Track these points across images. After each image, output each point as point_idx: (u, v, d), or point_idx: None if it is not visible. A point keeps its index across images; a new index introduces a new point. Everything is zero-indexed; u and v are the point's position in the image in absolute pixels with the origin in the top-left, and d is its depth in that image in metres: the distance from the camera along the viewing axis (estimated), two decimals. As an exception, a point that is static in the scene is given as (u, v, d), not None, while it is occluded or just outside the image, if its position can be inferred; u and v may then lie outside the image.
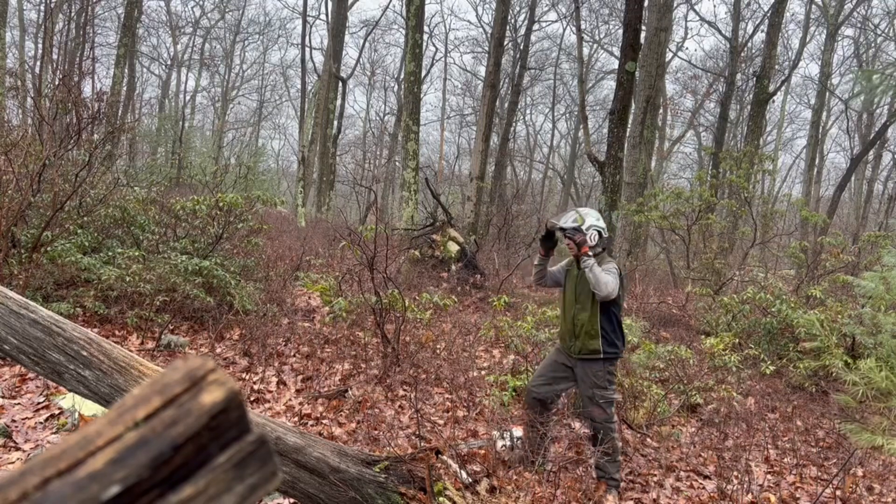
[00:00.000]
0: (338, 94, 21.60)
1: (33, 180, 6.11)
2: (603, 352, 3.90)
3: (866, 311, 6.83)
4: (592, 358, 3.92)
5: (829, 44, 22.42)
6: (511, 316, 7.99)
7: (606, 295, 3.79)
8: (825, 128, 27.82)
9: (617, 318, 3.97)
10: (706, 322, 8.94)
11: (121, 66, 16.17)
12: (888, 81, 10.47)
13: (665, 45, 15.45)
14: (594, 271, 3.80)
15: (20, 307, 2.40)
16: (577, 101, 30.09)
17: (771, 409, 6.27)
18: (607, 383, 3.93)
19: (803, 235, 16.18)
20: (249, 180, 20.40)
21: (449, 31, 69.00)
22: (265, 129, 42.62)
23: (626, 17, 5.02)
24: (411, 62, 11.27)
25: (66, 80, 9.34)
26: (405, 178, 11.49)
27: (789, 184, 35.58)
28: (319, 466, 2.60)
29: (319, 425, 4.47)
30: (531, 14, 22.76)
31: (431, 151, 38.94)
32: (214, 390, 0.56)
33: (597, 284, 3.79)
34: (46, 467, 0.50)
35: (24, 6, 25.77)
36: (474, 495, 2.88)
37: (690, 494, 4.08)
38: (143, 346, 5.64)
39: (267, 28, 37.73)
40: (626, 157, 12.67)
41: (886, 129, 19.06)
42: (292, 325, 6.75)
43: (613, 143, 4.92)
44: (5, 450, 3.58)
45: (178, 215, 7.26)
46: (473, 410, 5.01)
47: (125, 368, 2.40)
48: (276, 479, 0.58)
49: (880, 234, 10.17)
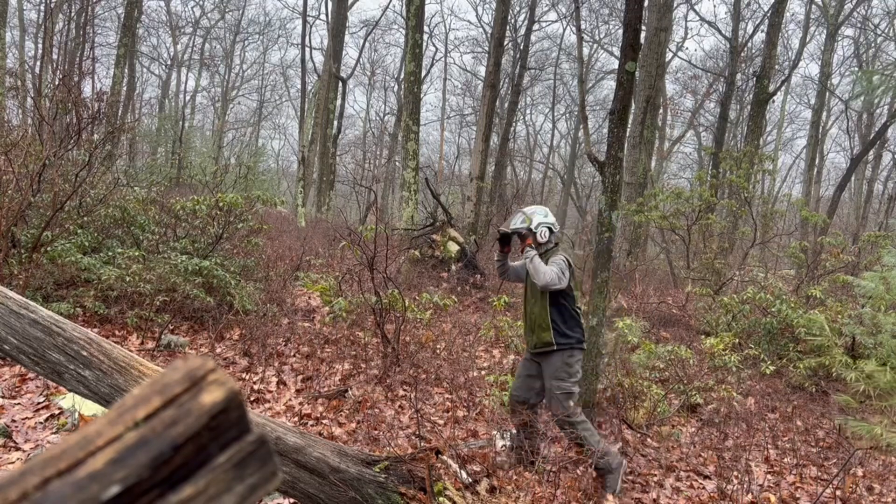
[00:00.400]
0: (338, 94, 21.59)
1: (33, 180, 6.11)
2: (556, 343, 3.94)
3: (866, 311, 6.83)
4: (547, 350, 3.99)
5: (829, 44, 22.42)
6: (511, 316, 7.99)
7: (544, 285, 3.88)
8: (825, 128, 27.81)
9: (569, 309, 4.03)
10: (706, 322, 8.94)
11: (121, 66, 16.17)
12: (888, 81, 10.46)
13: (665, 45, 15.45)
14: (534, 262, 3.94)
15: (20, 307, 2.40)
16: (577, 101, 30.10)
17: (771, 409, 6.27)
18: (565, 375, 3.95)
19: (803, 235, 16.18)
20: (249, 180, 20.40)
21: (449, 31, 69.03)
22: (265, 129, 42.64)
23: (626, 17, 5.01)
24: (411, 62, 11.27)
25: (66, 80, 9.34)
26: (405, 178, 11.48)
27: (789, 184, 35.59)
28: (319, 466, 2.60)
29: (319, 425, 4.47)
30: (531, 14, 22.75)
31: (431, 151, 38.94)
32: (214, 390, 0.56)
33: (535, 274, 3.91)
34: (46, 467, 0.50)
35: (24, 6, 25.77)
36: (474, 495, 2.88)
37: (690, 494, 4.08)
38: (143, 346, 5.64)
39: (267, 28, 37.74)
40: (626, 157, 12.68)
41: (886, 129, 19.06)
42: (292, 325, 6.75)
43: (613, 143, 4.92)
44: (5, 450, 3.58)
45: (178, 215, 7.26)
46: (473, 410, 5.01)
47: (125, 368, 2.40)
48: (276, 479, 0.58)
49: (880, 234, 10.17)
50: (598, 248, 5.06)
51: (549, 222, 4.14)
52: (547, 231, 4.11)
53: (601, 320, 5.02)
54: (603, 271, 4.99)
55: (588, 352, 5.02)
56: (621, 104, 4.90)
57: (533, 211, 4.19)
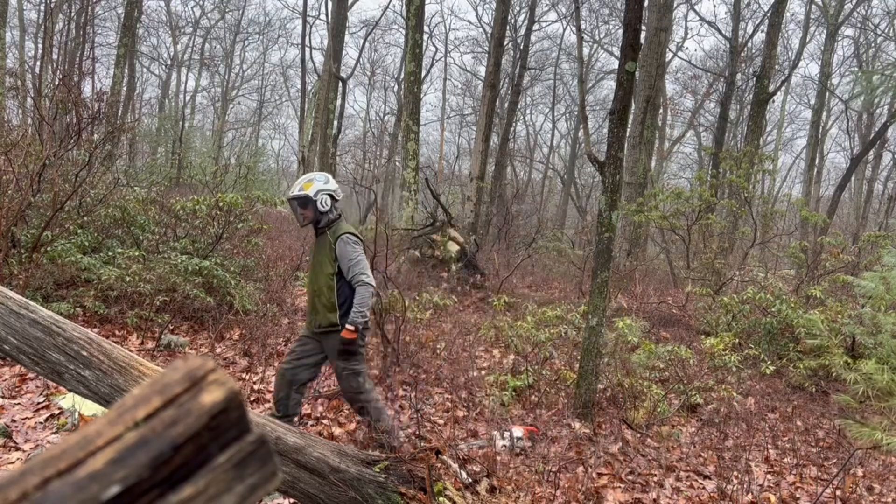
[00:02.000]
0: (338, 94, 21.58)
1: (33, 180, 6.11)
2: (342, 325, 3.79)
3: (866, 311, 6.83)
4: (332, 331, 3.84)
5: (829, 44, 22.42)
6: (511, 316, 7.99)
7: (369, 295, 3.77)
8: (825, 128, 27.81)
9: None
10: (706, 322, 8.94)
11: (121, 66, 16.17)
12: (888, 82, 10.46)
13: (665, 45, 15.45)
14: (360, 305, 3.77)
15: (20, 307, 2.40)
16: (577, 101, 30.09)
17: (771, 409, 6.27)
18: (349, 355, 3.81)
19: (803, 235, 16.17)
20: (249, 180, 20.39)
21: (449, 31, 68.94)
22: (265, 129, 42.64)
23: (626, 17, 5.01)
24: (411, 62, 11.27)
25: (66, 80, 9.34)
26: (405, 178, 11.48)
27: (789, 184, 35.60)
28: (319, 466, 2.60)
29: (319, 425, 4.47)
30: (531, 14, 22.75)
31: (431, 151, 38.94)
32: (214, 390, 0.56)
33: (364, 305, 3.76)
34: (46, 467, 0.50)
35: (24, 6, 25.77)
36: (474, 495, 2.88)
37: (690, 494, 4.07)
38: (143, 346, 5.64)
39: (267, 28, 37.73)
40: (626, 157, 12.68)
41: (886, 129, 19.05)
42: (292, 325, 6.75)
43: (613, 143, 4.92)
44: (5, 450, 3.58)
45: (178, 215, 7.27)
46: (473, 410, 5.01)
47: (125, 368, 2.40)
48: (276, 479, 0.58)
49: (880, 234, 10.17)
50: (598, 248, 5.06)
51: (331, 189, 3.89)
52: (328, 198, 3.86)
53: (601, 320, 5.02)
54: (603, 271, 4.99)
55: (588, 352, 5.02)
56: (621, 104, 4.90)
57: (312, 177, 3.93)
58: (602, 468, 4.19)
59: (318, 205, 3.84)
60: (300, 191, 3.88)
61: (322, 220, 3.90)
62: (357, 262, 3.80)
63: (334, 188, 3.93)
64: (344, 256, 3.80)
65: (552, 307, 7.44)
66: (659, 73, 14.38)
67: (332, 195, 3.90)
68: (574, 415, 5.00)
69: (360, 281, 3.77)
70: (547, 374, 5.70)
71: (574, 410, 5.06)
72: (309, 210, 3.87)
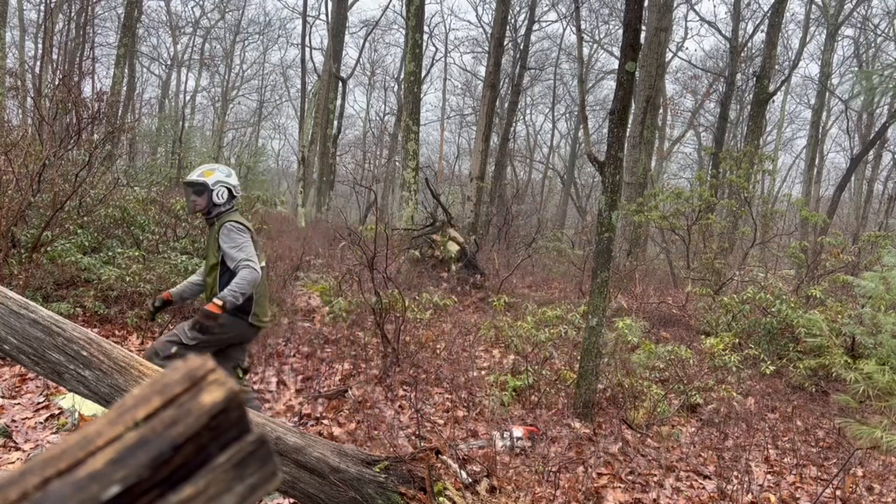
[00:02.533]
0: (338, 94, 21.60)
1: (33, 180, 6.11)
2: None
3: (866, 311, 6.83)
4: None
5: (829, 44, 22.42)
6: (511, 316, 7.99)
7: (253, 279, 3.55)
8: (825, 128, 27.82)
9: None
10: (706, 322, 8.94)
11: (121, 66, 16.17)
12: (888, 82, 10.46)
13: (665, 45, 15.45)
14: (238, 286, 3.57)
15: (20, 307, 2.40)
16: (577, 101, 30.09)
17: (771, 409, 6.27)
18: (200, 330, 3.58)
19: (803, 235, 16.17)
20: (249, 180, 20.40)
21: (449, 31, 68.95)
22: (265, 129, 42.64)
23: (626, 17, 5.01)
24: (411, 62, 11.27)
25: (66, 80, 9.34)
26: (405, 178, 11.48)
27: (789, 184, 35.60)
28: (319, 466, 2.60)
29: (319, 425, 4.47)
30: (531, 14, 22.76)
31: (431, 151, 38.94)
32: (214, 390, 0.56)
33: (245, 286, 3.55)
34: (46, 467, 0.50)
35: (24, 6, 25.77)
36: (474, 495, 2.88)
37: (690, 494, 4.07)
38: (143, 346, 5.64)
39: (267, 28, 37.73)
40: (626, 157, 12.68)
41: (886, 129, 19.05)
42: (292, 325, 6.76)
43: (613, 143, 4.92)
44: (5, 450, 3.58)
45: (178, 215, 7.27)
46: (473, 410, 5.01)
47: (125, 368, 2.40)
48: (276, 479, 0.58)
49: (880, 234, 10.17)
50: (598, 248, 5.06)
51: (231, 183, 3.77)
52: (226, 192, 3.74)
53: (601, 320, 5.03)
54: (603, 271, 4.99)
55: (588, 352, 5.02)
56: (621, 104, 4.90)
57: (215, 167, 3.83)
58: (602, 468, 4.19)
59: (213, 195, 3.72)
60: (199, 176, 3.74)
61: (213, 211, 3.77)
62: (241, 247, 3.59)
63: (236, 184, 3.82)
64: (225, 243, 3.61)
65: (552, 307, 7.44)
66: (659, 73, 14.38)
67: (232, 191, 3.78)
68: (574, 415, 5.00)
69: (245, 265, 3.54)
70: (547, 374, 5.70)
71: (574, 410, 5.06)
72: (203, 199, 3.73)
